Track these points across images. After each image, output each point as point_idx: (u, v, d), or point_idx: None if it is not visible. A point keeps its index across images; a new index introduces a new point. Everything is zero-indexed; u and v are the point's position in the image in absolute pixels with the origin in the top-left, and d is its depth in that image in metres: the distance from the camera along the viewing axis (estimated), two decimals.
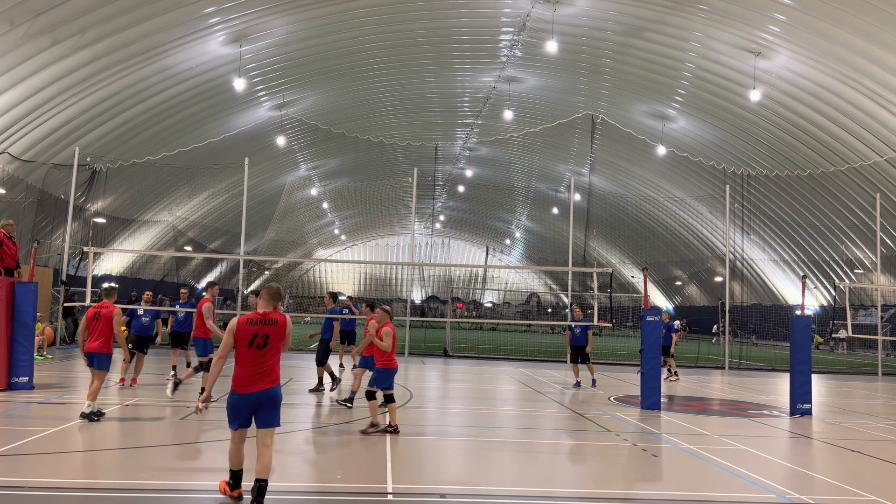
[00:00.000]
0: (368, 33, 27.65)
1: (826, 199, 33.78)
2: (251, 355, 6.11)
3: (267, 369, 6.13)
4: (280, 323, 6.30)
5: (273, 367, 6.18)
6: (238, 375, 6.08)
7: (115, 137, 29.44)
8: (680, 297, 59.66)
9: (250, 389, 6.04)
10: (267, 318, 6.23)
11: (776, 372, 23.79)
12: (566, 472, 8.22)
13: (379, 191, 46.16)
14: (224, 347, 6.20)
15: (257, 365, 6.09)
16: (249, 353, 6.11)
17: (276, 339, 6.22)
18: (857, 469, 8.65)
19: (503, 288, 67.18)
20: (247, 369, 6.08)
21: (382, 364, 9.93)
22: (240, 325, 6.14)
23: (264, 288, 6.45)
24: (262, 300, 6.35)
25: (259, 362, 6.11)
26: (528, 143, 41.27)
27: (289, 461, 8.13)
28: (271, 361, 6.18)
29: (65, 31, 21.19)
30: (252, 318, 6.17)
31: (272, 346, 6.18)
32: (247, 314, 6.18)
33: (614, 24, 26.67)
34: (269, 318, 6.23)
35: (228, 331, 6.14)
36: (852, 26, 22.02)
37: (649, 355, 13.26)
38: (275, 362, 6.21)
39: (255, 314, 6.24)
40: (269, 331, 6.18)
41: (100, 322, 10.13)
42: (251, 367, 6.08)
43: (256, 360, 6.10)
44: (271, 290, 6.42)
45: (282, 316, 6.34)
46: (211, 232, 49.32)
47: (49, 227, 29.55)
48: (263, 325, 6.18)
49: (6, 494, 6.15)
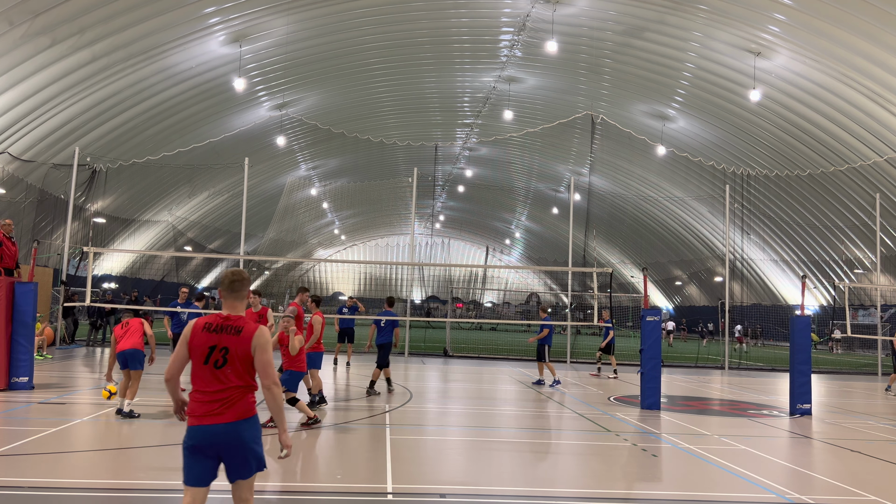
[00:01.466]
0: (368, 33, 27.65)
1: (826, 199, 33.78)
2: (208, 375, 4.32)
3: (229, 398, 4.28)
4: (245, 333, 4.34)
5: (239, 395, 4.31)
6: (192, 401, 4.33)
7: (115, 137, 29.45)
8: (680, 297, 59.67)
9: (206, 421, 4.24)
10: (228, 323, 4.38)
11: (776, 372, 23.79)
12: (566, 472, 8.21)
13: (379, 191, 46.14)
14: (175, 362, 4.41)
15: (217, 391, 4.29)
16: (206, 371, 4.32)
17: (238, 357, 4.31)
18: (857, 469, 8.65)
19: (503, 288, 67.14)
20: (202, 394, 4.30)
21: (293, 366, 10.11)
22: (195, 332, 4.38)
23: (223, 276, 4.59)
24: (223, 295, 4.55)
25: (218, 387, 4.29)
26: (528, 143, 41.27)
27: (289, 461, 8.13)
28: (234, 387, 4.30)
29: (64, 32, 21.19)
30: (211, 321, 4.41)
31: (235, 366, 4.31)
32: (207, 316, 4.50)
33: (614, 24, 26.66)
34: (229, 325, 4.37)
35: (182, 339, 4.43)
36: (852, 26, 22.02)
37: (649, 355, 13.26)
38: (242, 391, 4.34)
39: (216, 316, 4.44)
40: (229, 343, 4.31)
41: (129, 328, 10.44)
42: (209, 392, 4.30)
43: (215, 383, 4.30)
44: (232, 279, 4.54)
45: (249, 324, 4.40)
46: (211, 232, 49.33)
47: (49, 227, 29.55)
48: (223, 335, 4.34)
49: (6, 494, 6.15)
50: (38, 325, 17.13)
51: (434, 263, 56.57)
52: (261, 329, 4.41)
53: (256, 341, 4.35)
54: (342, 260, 51.58)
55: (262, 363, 4.34)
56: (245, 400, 4.34)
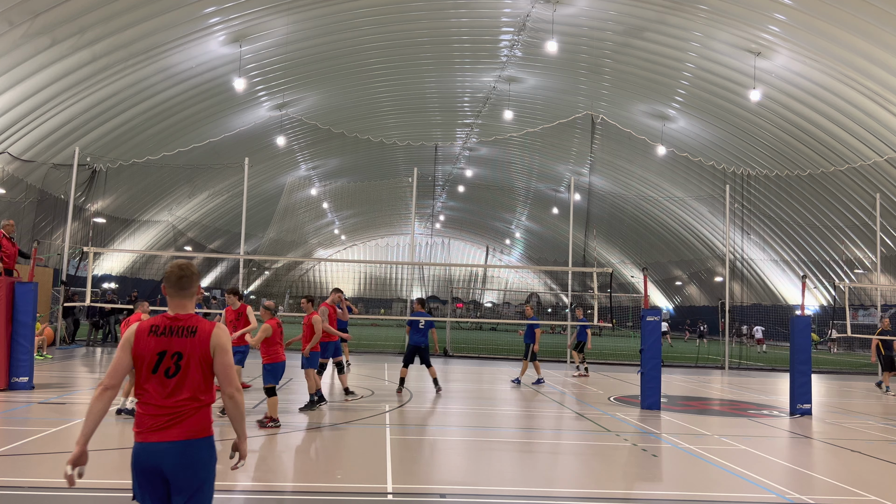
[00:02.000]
0: (368, 33, 27.65)
1: (826, 199, 33.78)
2: (158, 386, 3.69)
3: (182, 412, 3.68)
4: (201, 333, 3.75)
5: (193, 410, 3.70)
6: (139, 415, 3.72)
7: (115, 137, 29.46)
8: (680, 297, 59.67)
9: (152, 437, 3.64)
10: (178, 324, 3.77)
11: (776, 372, 23.78)
12: (566, 472, 8.21)
13: (379, 191, 46.16)
14: (114, 373, 3.72)
15: (167, 405, 3.67)
16: (155, 381, 3.70)
17: (196, 361, 3.72)
18: (857, 469, 8.65)
19: (503, 288, 67.13)
20: (150, 408, 3.68)
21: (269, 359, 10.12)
22: (139, 337, 3.74)
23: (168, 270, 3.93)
24: (168, 293, 3.87)
25: (169, 399, 3.68)
26: (528, 143, 41.27)
27: (289, 461, 8.13)
28: (188, 398, 3.70)
29: (64, 32, 21.19)
30: (157, 324, 3.76)
31: (190, 373, 3.71)
32: (152, 318, 3.85)
33: (614, 24, 26.67)
34: (180, 326, 3.76)
35: (123, 345, 3.77)
36: (852, 26, 22.02)
37: (649, 355, 13.26)
38: (197, 404, 3.72)
39: (162, 318, 3.81)
40: (182, 346, 3.72)
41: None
42: (157, 405, 3.68)
43: (166, 396, 3.68)
44: (179, 275, 3.87)
45: (204, 322, 3.81)
46: (211, 232, 49.35)
47: (49, 227, 29.56)
48: (174, 338, 3.74)
49: (6, 494, 6.15)
50: (38, 325, 17.13)
51: (434, 263, 56.55)
52: (219, 327, 3.82)
53: (216, 341, 3.76)
54: (342, 260, 51.61)
55: (224, 366, 3.77)
56: (199, 416, 3.72)
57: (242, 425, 3.91)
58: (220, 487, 6.95)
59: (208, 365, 3.76)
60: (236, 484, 7.00)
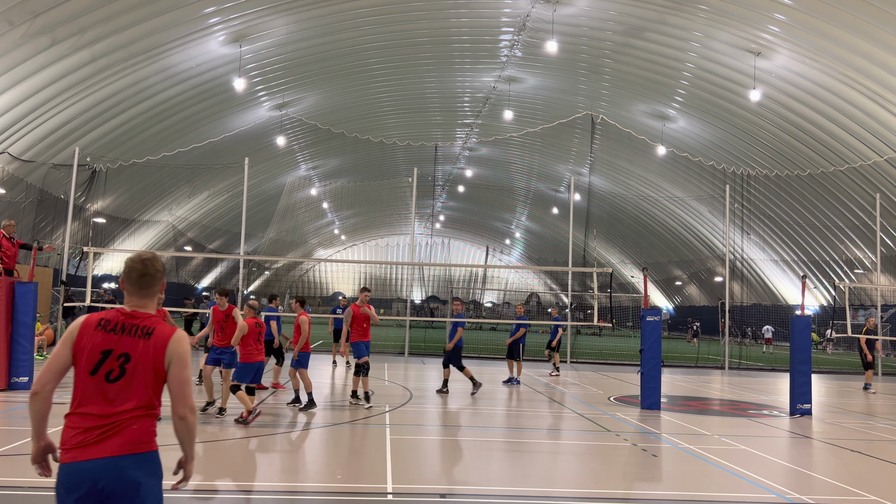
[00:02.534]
0: (368, 33, 27.65)
1: (826, 199, 33.78)
2: (94, 392, 3.16)
3: (123, 421, 3.13)
4: (158, 337, 3.23)
5: (132, 421, 3.16)
6: (67, 426, 3.17)
7: (115, 137, 29.46)
8: (680, 297, 59.67)
9: (81, 455, 3.06)
10: (133, 322, 3.25)
11: (776, 372, 23.79)
12: (566, 472, 8.21)
13: (379, 191, 46.17)
14: (49, 369, 3.23)
15: (103, 415, 3.13)
16: (92, 385, 3.17)
17: (145, 368, 3.19)
18: (857, 469, 8.65)
19: (503, 288, 67.14)
20: (82, 418, 3.14)
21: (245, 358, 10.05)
22: (84, 330, 3.23)
23: (128, 263, 3.36)
24: (127, 290, 3.34)
25: (107, 410, 3.14)
26: (528, 143, 41.28)
27: (288, 461, 8.13)
28: (130, 409, 3.15)
29: (64, 32, 21.19)
30: (109, 318, 3.25)
31: (136, 380, 3.17)
32: (104, 311, 3.30)
33: (614, 24, 26.67)
34: (135, 324, 3.24)
35: (65, 338, 3.28)
36: (852, 26, 22.02)
37: (649, 355, 13.26)
38: (139, 415, 3.17)
39: (116, 312, 3.28)
40: (132, 348, 3.19)
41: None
42: (91, 415, 3.14)
43: (103, 404, 3.14)
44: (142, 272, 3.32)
45: (163, 325, 3.29)
46: (211, 232, 49.36)
47: (49, 227, 29.56)
48: (125, 336, 3.20)
49: (6, 494, 6.15)
50: (39, 326, 17.13)
51: (434, 263, 56.56)
52: (179, 334, 3.26)
53: (174, 350, 3.20)
54: (342, 260, 51.61)
55: (179, 381, 3.20)
56: (140, 427, 3.15)
57: (192, 447, 3.38)
58: (220, 487, 6.96)
59: (160, 375, 3.21)
60: (236, 484, 7.00)
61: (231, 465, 7.83)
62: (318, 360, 20.25)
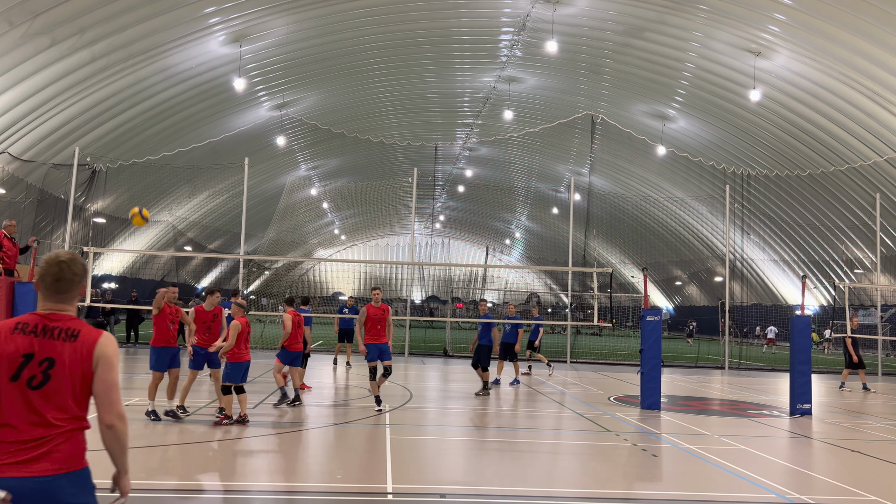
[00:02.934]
0: (368, 33, 27.65)
1: (826, 199, 33.78)
2: (16, 400, 2.91)
3: (45, 439, 2.90)
4: (84, 340, 2.99)
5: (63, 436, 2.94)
6: None
7: (115, 137, 29.46)
8: (680, 297, 59.67)
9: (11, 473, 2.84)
10: (55, 325, 2.99)
11: (776, 372, 23.79)
12: (566, 472, 8.21)
13: (379, 191, 46.19)
14: None
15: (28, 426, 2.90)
16: (13, 393, 2.91)
17: (71, 373, 2.95)
18: (857, 469, 8.65)
19: (503, 288, 67.12)
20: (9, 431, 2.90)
21: (233, 358, 10.03)
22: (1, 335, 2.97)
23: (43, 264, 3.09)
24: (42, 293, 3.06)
25: (32, 419, 2.90)
26: (528, 143, 41.27)
27: (288, 461, 8.14)
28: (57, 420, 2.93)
29: (64, 32, 21.19)
30: (27, 321, 3.00)
31: (62, 387, 2.94)
32: (21, 316, 3.07)
33: (614, 24, 26.67)
34: (57, 327, 2.99)
35: None
36: (852, 26, 22.02)
37: (649, 355, 13.26)
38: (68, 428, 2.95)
39: (34, 315, 3.03)
40: (56, 352, 2.95)
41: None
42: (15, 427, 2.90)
43: (27, 413, 2.90)
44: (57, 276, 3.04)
45: (88, 327, 3.04)
46: (211, 232, 49.36)
47: (49, 227, 29.55)
48: (47, 340, 2.96)
49: None
50: None
51: (434, 263, 56.54)
52: (106, 336, 3.03)
53: (101, 352, 2.98)
54: (342, 260, 51.62)
55: (107, 385, 2.99)
56: (72, 443, 2.94)
57: (124, 459, 3.15)
58: (219, 487, 6.96)
59: (86, 381, 2.98)
60: (235, 484, 7.01)
61: (231, 465, 7.83)
62: (318, 361, 20.25)
